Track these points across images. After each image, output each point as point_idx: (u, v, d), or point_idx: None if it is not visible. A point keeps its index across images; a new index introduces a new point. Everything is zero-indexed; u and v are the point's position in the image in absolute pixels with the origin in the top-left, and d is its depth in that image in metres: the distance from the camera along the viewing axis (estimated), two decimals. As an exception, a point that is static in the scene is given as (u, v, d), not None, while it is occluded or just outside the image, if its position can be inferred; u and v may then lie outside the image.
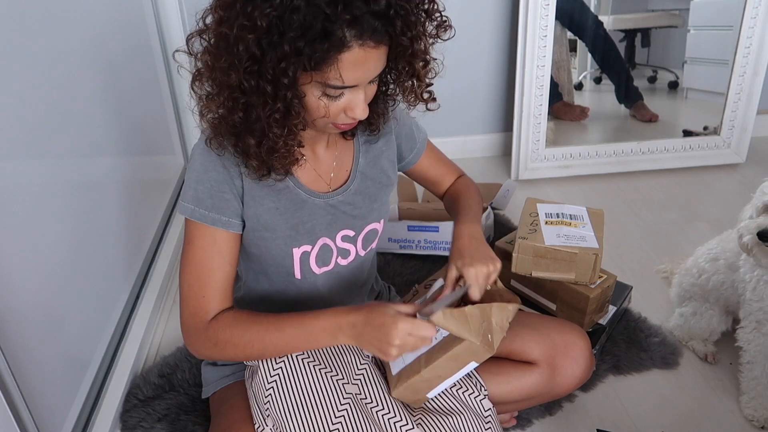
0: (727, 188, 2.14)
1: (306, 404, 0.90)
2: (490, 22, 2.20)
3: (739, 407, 1.21)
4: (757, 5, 2.04)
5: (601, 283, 1.29)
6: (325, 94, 0.77)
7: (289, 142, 0.80)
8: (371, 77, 0.78)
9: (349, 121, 0.83)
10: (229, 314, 0.89)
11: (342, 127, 0.84)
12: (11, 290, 0.90)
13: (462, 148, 2.42)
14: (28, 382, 0.93)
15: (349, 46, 0.72)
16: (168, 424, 1.16)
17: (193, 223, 0.88)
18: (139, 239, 1.55)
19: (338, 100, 0.79)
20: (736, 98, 2.18)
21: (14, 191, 0.94)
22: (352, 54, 0.72)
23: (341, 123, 0.83)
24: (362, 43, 0.72)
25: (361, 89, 0.79)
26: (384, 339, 0.80)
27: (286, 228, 0.93)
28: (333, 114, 0.80)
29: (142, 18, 1.78)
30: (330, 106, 0.79)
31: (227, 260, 0.90)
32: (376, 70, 0.77)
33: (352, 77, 0.75)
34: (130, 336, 1.36)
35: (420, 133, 1.10)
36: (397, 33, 0.74)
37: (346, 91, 0.78)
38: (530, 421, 1.19)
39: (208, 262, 0.88)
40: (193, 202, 0.88)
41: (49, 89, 1.09)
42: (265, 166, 0.85)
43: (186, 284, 0.89)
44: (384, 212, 1.04)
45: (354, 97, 0.79)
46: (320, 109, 0.79)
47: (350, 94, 0.79)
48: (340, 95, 0.78)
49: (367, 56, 0.74)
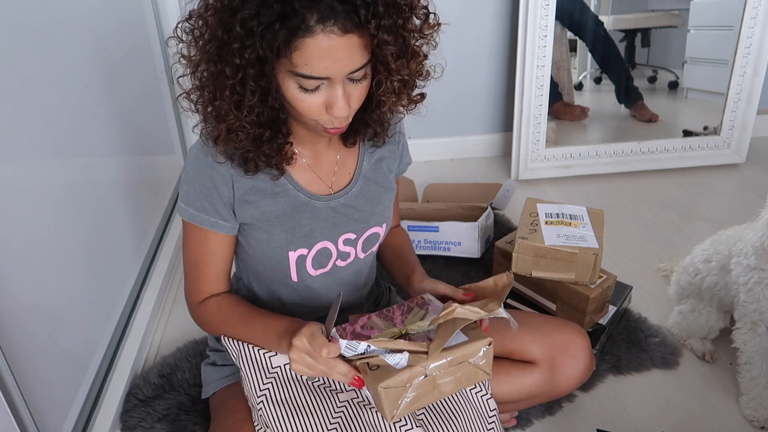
0: (727, 188, 2.14)
1: (299, 415, 0.90)
2: (490, 22, 2.20)
3: (739, 407, 1.21)
4: (757, 5, 2.04)
5: (601, 283, 1.29)
6: (301, 87, 0.76)
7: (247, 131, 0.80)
8: (344, 70, 0.75)
9: (335, 123, 0.81)
10: (215, 301, 0.97)
11: (330, 130, 0.82)
12: (11, 290, 0.90)
13: (462, 148, 2.42)
14: (28, 382, 0.93)
15: (312, 31, 0.70)
16: (168, 424, 1.16)
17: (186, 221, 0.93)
18: (139, 239, 1.55)
19: (315, 94, 0.77)
20: (736, 98, 2.18)
21: (14, 191, 0.94)
22: (316, 40, 0.71)
23: (328, 126, 0.81)
24: (325, 29, 0.70)
25: (338, 84, 0.76)
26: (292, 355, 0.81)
27: (282, 231, 0.93)
28: (315, 110, 0.78)
29: (143, 19, 1.78)
30: (309, 102, 0.77)
31: (219, 257, 0.95)
32: (349, 62, 0.74)
33: (320, 67, 0.73)
34: (130, 336, 1.36)
35: (407, 156, 1.09)
36: (363, 22, 0.71)
37: (322, 86, 0.76)
38: (530, 421, 1.19)
39: (201, 257, 0.94)
40: (185, 202, 0.91)
41: (49, 90, 1.09)
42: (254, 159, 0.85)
43: (186, 269, 0.98)
44: (386, 217, 1.03)
45: (331, 93, 0.77)
46: (299, 104, 0.78)
47: (327, 89, 0.77)
48: (316, 89, 0.76)
49: (334, 45, 0.71)
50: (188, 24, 0.78)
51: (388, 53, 0.76)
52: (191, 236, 0.94)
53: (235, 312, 0.95)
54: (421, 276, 1.00)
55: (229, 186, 0.89)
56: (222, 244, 0.94)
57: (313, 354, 0.78)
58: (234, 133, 0.80)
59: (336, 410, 0.91)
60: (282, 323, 0.89)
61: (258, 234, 0.93)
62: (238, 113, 0.77)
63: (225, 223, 0.91)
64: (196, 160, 0.89)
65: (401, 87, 0.82)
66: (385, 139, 0.97)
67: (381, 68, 0.78)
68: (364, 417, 0.89)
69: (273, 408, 0.90)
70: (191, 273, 0.97)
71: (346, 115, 0.79)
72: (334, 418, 0.90)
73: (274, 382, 0.93)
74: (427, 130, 2.36)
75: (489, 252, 1.71)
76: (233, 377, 1.06)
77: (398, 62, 0.78)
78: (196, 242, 0.94)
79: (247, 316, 0.94)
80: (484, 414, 0.95)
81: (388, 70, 0.78)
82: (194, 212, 0.90)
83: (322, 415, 0.90)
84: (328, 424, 0.89)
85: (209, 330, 1.01)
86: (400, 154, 1.05)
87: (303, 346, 0.79)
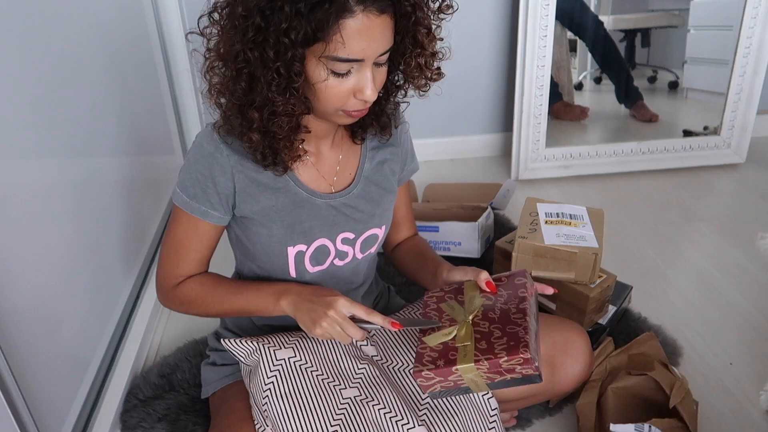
0: (727, 188, 2.14)
1: (303, 408, 0.90)
2: (490, 22, 2.20)
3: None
4: (757, 5, 2.04)
5: (601, 282, 1.29)
6: (333, 73, 0.78)
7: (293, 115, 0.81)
8: (377, 51, 0.78)
9: (359, 106, 0.83)
10: (196, 279, 0.97)
11: (353, 114, 0.84)
12: (11, 290, 0.90)
13: (462, 148, 2.42)
14: (28, 382, 0.93)
15: (353, 11, 0.73)
16: (168, 424, 1.16)
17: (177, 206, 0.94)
18: (139, 239, 1.55)
19: (346, 79, 0.79)
20: (736, 98, 2.18)
21: (14, 191, 0.94)
22: (356, 21, 0.73)
23: (352, 109, 0.83)
24: (365, 9, 0.73)
25: (368, 66, 0.78)
26: (319, 312, 0.86)
27: (282, 227, 0.93)
28: (343, 96, 0.80)
29: (142, 16, 1.78)
30: (338, 87, 0.79)
31: (205, 245, 0.96)
32: (382, 43, 0.77)
33: (358, 48, 0.75)
34: (130, 336, 1.37)
35: (413, 163, 1.10)
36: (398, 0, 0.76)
37: (353, 70, 0.78)
38: (530, 421, 1.19)
39: (187, 243, 0.95)
40: (180, 188, 0.92)
41: (48, 89, 1.09)
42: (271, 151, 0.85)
43: (165, 253, 0.97)
44: (386, 219, 1.03)
45: (361, 77, 0.79)
46: (329, 89, 0.79)
47: (357, 73, 0.79)
48: (347, 74, 0.78)
49: (372, 24, 0.74)
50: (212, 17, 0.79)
51: (422, 29, 0.81)
52: (178, 222, 0.94)
53: (222, 285, 0.96)
54: (449, 267, 0.99)
55: (228, 178, 0.89)
56: (209, 231, 0.94)
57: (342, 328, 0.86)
58: (279, 118, 0.80)
59: (339, 406, 0.91)
60: (275, 285, 0.93)
61: (257, 228, 0.93)
62: (283, 97, 0.78)
63: (214, 212, 0.92)
64: (199, 149, 0.90)
65: (431, 62, 0.86)
66: (392, 132, 0.98)
67: (410, 47, 0.82)
68: (367, 414, 0.90)
69: (278, 402, 0.91)
70: (171, 257, 0.96)
71: (374, 98, 0.81)
72: (337, 414, 0.90)
73: (278, 375, 0.93)
74: (427, 130, 2.36)
75: (489, 252, 1.72)
76: (233, 377, 1.06)
77: (428, 39, 0.83)
78: (183, 228, 0.94)
79: (236, 286, 0.95)
80: (486, 413, 0.95)
81: (421, 45, 0.82)
82: (186, 198, 0.91)
83: (325, 410, 0.90)
84: (331, 420, 0.89)
85: (188, 309, 0.98)
86: (403, 158, 1.06)
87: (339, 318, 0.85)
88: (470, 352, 0.80)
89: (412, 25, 0.79)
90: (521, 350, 0.77)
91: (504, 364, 0.78)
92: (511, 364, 0.78)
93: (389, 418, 0.89)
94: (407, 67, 0.85)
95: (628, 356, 1.21)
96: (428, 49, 0.84)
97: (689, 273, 1.65)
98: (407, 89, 0.92)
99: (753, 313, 1.48)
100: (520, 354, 0.77)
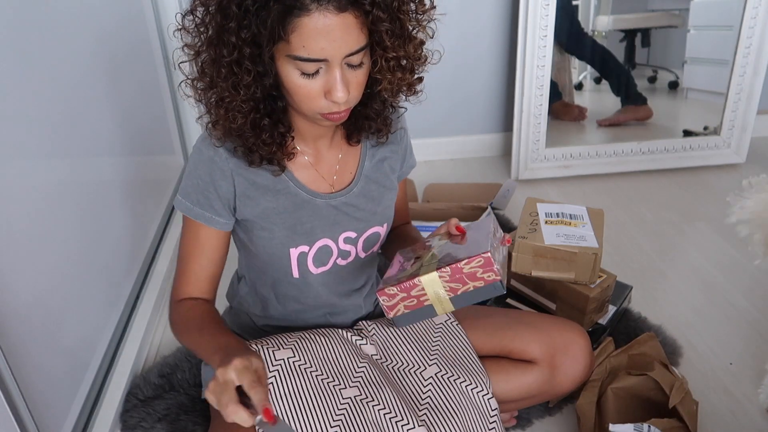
0: (727, 188, 2.13)
1: (302, 409, 0.90)
2: (490, 22, 2.20)
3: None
4: (757, 5, 2.04)
5: (601, 282, 1.29)
6: (302, 73, 0.77)
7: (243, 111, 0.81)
8: (341, 51, 0.75)
9: (333, 108, 0.81)
10: (190, 304, 0.95)
11: (329, 117, 0.82)
12: (11, 290, 0.90)
13: (462, 148, 2.42)
14: (28, 382, 0.93)
15: (308, 9, 0.71)
16: (168, 424, 1.16)
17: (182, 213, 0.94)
18: (139, 239, 1.55)
19: (314, 79, 0.78)
20: (736, 98, 2.18)
21: (14, 191, 0.94)
22: (312, 20, 0.72)
23: (327, 111, 0.81)
24: (321, 7, 0.71)
25: (336, 66, 0.76)
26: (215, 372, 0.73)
27: (283, 228, 0.93)
28: (314, 97, 0.79)
29: (142, 19, 1.78)
30: (308, 88, 0.78)
31: (206, 255, 0.95)
32: (346, 43, 0.75)
33: (317, 47, 0.74)
34: (130, 336, 1.36)
35: (411, 159, 1.10)
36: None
37: (321, 70, 0.77)
38: (530, 421, 1.19)
39: (190, 250, 0.95)
40: (183, 195, 0.92)
41: (50, 90, 1.09)
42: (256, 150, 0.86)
43: (177, 266, 0.98)
44: (387, 217, 1.03)
45: (330, 77, 0.77)
46: (299, 90, 0.78)
47: (326, 73, 0.78)
48: (316, 74, 0.77)
49: (330, 24, 0.72)
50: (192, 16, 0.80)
51: (383, 30, 0.77)
52: (186, 230, 0.95)
53: (198, 319, 0.91)
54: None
55: (229, 181, 0.89)
56: (211, 240, 0.94)
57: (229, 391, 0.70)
58: (231, 113, 0.81)
59: (339, 406, 0.91)
60: (227, 340, 0.84)
61: (259, 231, 0.93)
62: (234, 93, 0.79)
63: (218, 218, 0.92)
64: (198, 154, 0.90)
65: (396, 66, 0.82)
66: (388, 135, 0.98)
67: (377, 48, 0.79)
68: (367, 415, 0.90)
69: (278, 402, 0.91)
70: (179, 269, 0.97)
71: (345, 99, 0.79)
72: (337, 414, 0.90)
73: (277, 375, 0.93)
74: (427, 130, 2.36)
75: (489, 252, 1.71)
76: (233, 377, 1.06)
77: (393, 41, 0.79)
78: (188, 236, 0.94)
79: (205, 325, 0.90)
80: (486, 413, 0.95)
81: (384, 47, 0.79)
82: (189, 205, 0.91)
83: (325, 411, 0.90)
84: (331, 420, 0.89)
85: (174, 332, 0.95)
86: (403, 155, 1.06)
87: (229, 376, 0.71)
88: (433, 267, 0.81)
89: (372, 24, 0.76)
90: (482, 253, 0.78)
91: (465, 267, 0.78)
92: (472, 267, 0.78)
93: (389, 418, 0.89)
94: (374, 68, 0.82)
95: (628, 356, 1.21)
96: (395, 53, 0.80)
97: (689, 273, 1.65)
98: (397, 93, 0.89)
99: (753, 313, 1.48)
100: (481, 255, 0.77)
